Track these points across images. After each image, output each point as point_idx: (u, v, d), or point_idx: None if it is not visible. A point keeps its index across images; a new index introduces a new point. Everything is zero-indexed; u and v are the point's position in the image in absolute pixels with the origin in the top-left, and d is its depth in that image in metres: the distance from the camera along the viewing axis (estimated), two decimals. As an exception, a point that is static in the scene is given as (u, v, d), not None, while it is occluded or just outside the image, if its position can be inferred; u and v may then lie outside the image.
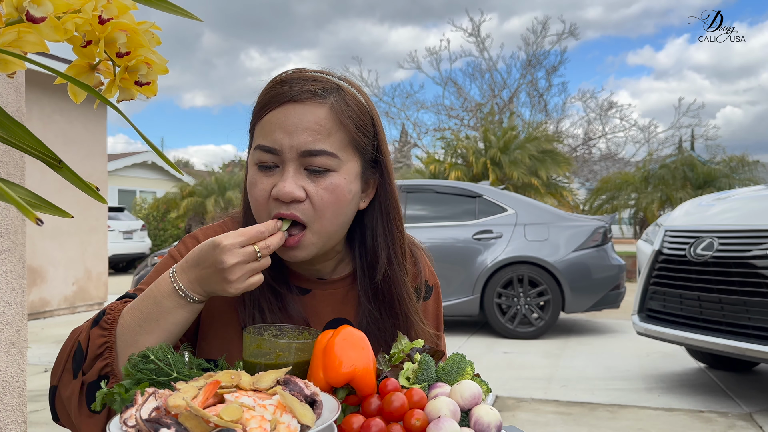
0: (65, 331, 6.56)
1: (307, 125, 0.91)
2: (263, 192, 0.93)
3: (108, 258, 9.40)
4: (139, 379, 0.83)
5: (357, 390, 0.83)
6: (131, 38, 0.58)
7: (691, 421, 3.41)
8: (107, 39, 0.57)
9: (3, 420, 1.98)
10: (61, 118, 7.58)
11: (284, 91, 0.92)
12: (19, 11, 0.52)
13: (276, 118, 0.92)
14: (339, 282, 1.06)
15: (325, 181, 0.92)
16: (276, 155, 0.92)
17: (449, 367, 0.90)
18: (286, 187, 0.90)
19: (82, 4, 0.56)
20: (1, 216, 1.97)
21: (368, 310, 1.03)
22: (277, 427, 0.69)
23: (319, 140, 0.91)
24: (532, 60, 21.78)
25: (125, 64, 0.59)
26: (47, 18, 0.52)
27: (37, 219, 0.49)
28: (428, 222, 6.38)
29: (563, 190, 14.98)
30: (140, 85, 0.61)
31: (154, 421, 0.66)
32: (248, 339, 0.88)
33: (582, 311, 6.11)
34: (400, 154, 22.61)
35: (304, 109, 0.92)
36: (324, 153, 0.91)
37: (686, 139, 22.59)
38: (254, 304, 0.98)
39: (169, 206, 17.11)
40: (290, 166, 0.91)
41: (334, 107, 0.93)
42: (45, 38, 0.54)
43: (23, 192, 0.57)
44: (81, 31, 0.57)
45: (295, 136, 0.91)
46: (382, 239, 1.02)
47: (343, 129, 0.93)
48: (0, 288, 1.96)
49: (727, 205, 4.06)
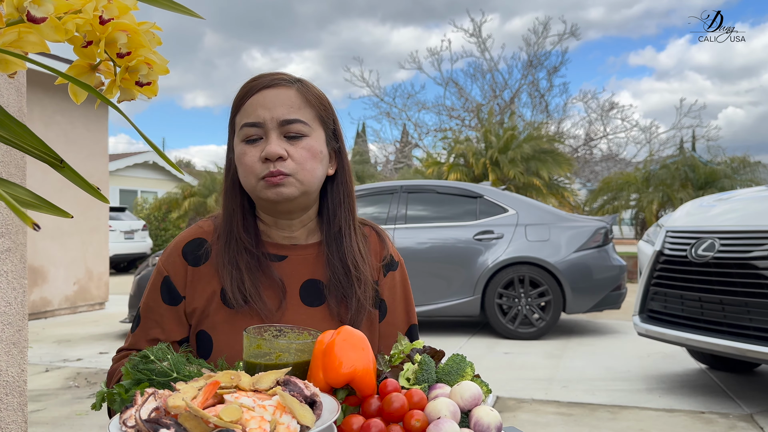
0: (66, 331, 6.56)
1: (283, 101, 1.12)
2: (253, 158, 1.11)
3: (109, 258, 9.40)
4: (139, 379, 0.84)
5: (357, 390, 0.83)
6: (132, 38, 0.57)
7: (691, 422, 3.41)
8: (108, 39, 0.57)
9: (4, 420, 1.98)
10: (62, 118, 7.58)
11: (258, 82, 1.14)
12: (20, 11, 0.52)
13: (256, 100, 1.13)
14: (310, 247, 1.22)
15: (301, 143, 1.12)
16: (260, 128, 1.11)
17: (449, 368, 0.90)
18: (273, 148, 1.09)
19: (82, 5, 0.56)
20: (2, 216, 1.97)
21: (335, 269, 1.18)
22: (276, 427, 0.69)
23: (292, 111, 1.12)
24: (533, 60, 21.77)
25: (126, 65, 0.59)
26: (48, 18, 0.52)
27: (34, 224, 0.49)
28: (429, 222, 6.38)
29: (564, 190, 14.97)
30: (141, 86, 0.61)
31: (153, 422, 0.66)
32: (248, 340, 0.88)
33: (583, 312, 6.10)
34: (401, 154, 22.61)
35: (277, 91, 1.13)
36: (298, 121, 1.12)
37: (687, 140, 22.58)
38: (233, 264, 1.14)
39: (170, 206, 17.11)
40: (272, 134, 1.11)
41: (300, 89, 1.15)
42: (46, 38, 0.54)
43: (23, 192, 0.57)
44: (82, 32, 0.57)
45: (274, 110, 1.11)
46: (341, 210, 1.21)
47: (309, 105, 1.14)
48: (1, 288, 1.96)
49: (728, 206, 4.06)
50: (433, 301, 6.05)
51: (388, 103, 22.88)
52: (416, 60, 23.26)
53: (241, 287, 1.12)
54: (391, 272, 1.27)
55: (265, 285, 1.15)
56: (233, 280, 1.13)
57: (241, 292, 1.12)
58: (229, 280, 1.13)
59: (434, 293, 6.07)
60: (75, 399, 3.95)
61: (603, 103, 22.12)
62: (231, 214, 1.18)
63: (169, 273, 1.17)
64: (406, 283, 1.30)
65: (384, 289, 1.24)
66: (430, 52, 23.66)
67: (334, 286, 1.17)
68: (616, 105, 22.03)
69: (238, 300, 1.11)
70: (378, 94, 22.93)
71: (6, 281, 1.98)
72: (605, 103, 22.13)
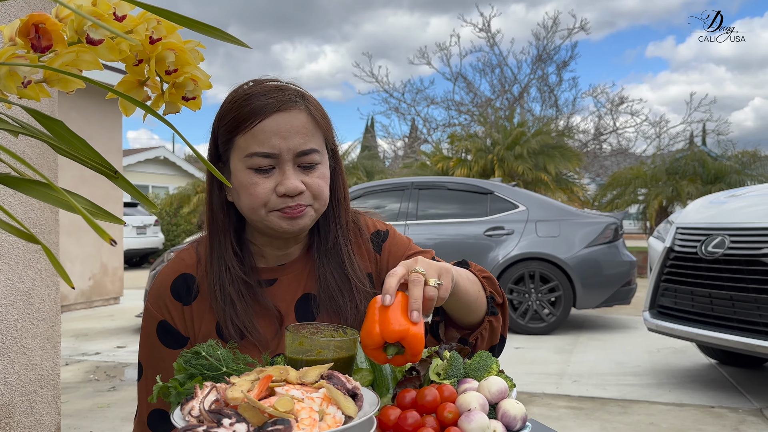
0: (83, 326, 6.68)
1: (297, 129, 1.07)
2: (266, 189, 1.07)
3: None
4: (192, 374, 0.91)
5: (407, 348, 0.88)
6: (179, 57, 0.62)
7: (701, 416, 3.46)
8: (157, 58, 0.61)
9: (39, 411, 2.07)
10: (78, 115, 7.69)
11: (265, 103, 1.06)
12: (79, 34, 0.58)
13: (269, 127, 1.06)
14: (298, 260, 1.19)
15: (315, 172, 1.10)
16: (274, 158, 1.07)
17: (476, 363, 0.97)
18: (294, 183, 1.06)
19: (134, 26, 0.62)
20: (36, 216, 2.05)
21: (325, 279, 1.16)
22: (324, 417, 0.76)
23: (307, 141, 1.08)
24: (542, 55, 21.72)
25: (173, 81, 0.63)
26: (104, 40, 0.57)
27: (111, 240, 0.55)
28: (440, 218, 6.44)
29: (573, 185, 14.97)
30: (186, 100, 0.67)
31: (215, 412, 0.73)
32: (290, 337, 0.95)
33: (593, 307, 6.15)
34: (410, 149, 22.64)
35: (290, 116, 1.07)
36: (313, 151, 1.09)
37: (698, 134, 22.46)
38: (226, 299, 1.11)
39: (181, 202, 17.25)
40: (288, 166, 1.07)
41: (310, 111, 1.10)
42: (102, 58, 0.60)
43: (84, 202, 0.64)
44: (134, 51, 0.63)
45: (290, 140, 1.06)
46: (335, 225, 1.19)
47: (318, 128, 1.11)
48: (36, 285, 2.05)
49: (739, 202, 4.09)
50: (444, 296, 6.11)
51: (397, 98, 22.89)
52: (425, 55, 23.22)
53: (236, 322, 1.09)
54: (384, 244, 1.24)
55: (259, 315, 1.12)
56: (227, 316, 1.09)
57: (237, 326, 1.09)
58: (223, 317, 1.10)
59: (445, 288, 6.12)
60: (96, 392, 4.05)
61: (613, 98, 22.04)
62: (221, 240, 1.13)
63: (164, 317, 1.13)
64: (402, 247, 1.24)
65: (383, 266, 1.21)
66: (438, 47, 23.63)
67: (328, 298, 1.15)
68: (626, 99, 21.94)
69: (233, 336, 1.09)
70: (387, 90, 22.95)
71: (40, 279, 2.06)
72: (615, 97, 22.06)
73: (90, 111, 7.88)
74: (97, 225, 0.54)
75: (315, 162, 1.09)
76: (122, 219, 0.70)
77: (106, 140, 8.19)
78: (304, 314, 1.15)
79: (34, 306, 2.03)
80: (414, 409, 0.87)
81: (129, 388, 4.14)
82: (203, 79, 0.68)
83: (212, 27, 0.65)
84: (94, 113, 7.95)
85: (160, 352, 1.12)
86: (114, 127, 8.38)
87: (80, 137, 0.62)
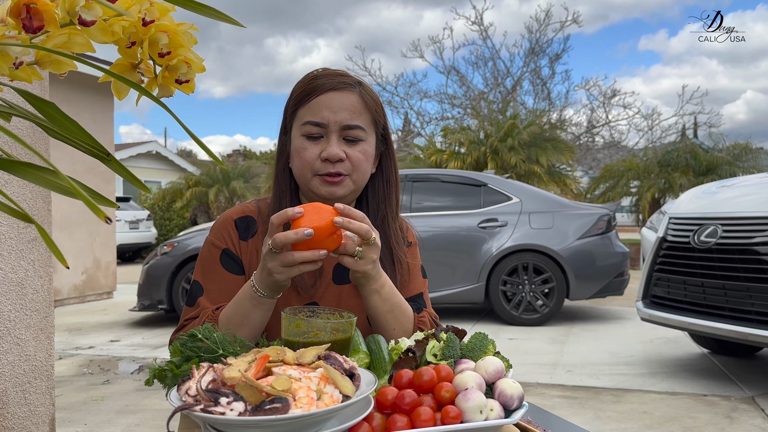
0: (76, 320, 6.65)
1: (346, 106, 1.21)
2: (312, 154, 1.21)
3: (115, 248, 9.45)
4: (188, 356, 0.90)
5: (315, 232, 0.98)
6: (172, 39, 0.61)
7: (694, 404, 3.49)
8: (150, 40, 0.61)
9: (33, 402, 2.06)
10: (68, 108, 7.63)
11: (324, 83, 1.22)
12: (72, 15, 0.58)
13: (322, 101, 1.21)
14: None
15: (358, 147, 1.22)
16: (323, 128, 1.21)
17: (473, 344, 0.97)
18: (335, 150, 1.20)
19: (127, 8, 0.60)
20: (28, 206, 2.03)
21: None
22: (321, 396, 0.76)
23: (354, 117, 1.22)
24: (535, 48, 21.72)
25: (166, 64, 0.63)
26: (96, 21, 0.57)
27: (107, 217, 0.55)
28: (433, 211, 6.44)
29: (566, 178, 14.99)
30: (180, 83, 0.65)
31: (213, 392, 0.73)
32: (287, 320, 0.95)
33: (586, 298, 6.18)
34: (404, 143, 22.61)
35: (342, 95, 1.22)
36: (358, 127, 1.22)
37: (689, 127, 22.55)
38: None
39: (174, 196, 17.18)
40: (333, 136, 1.21)
41: (362, 94, 1.24)
42: (94, 40, 0.59)
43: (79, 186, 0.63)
44: (126, 33, 0.62)
45: (338, 114, 1.21)
46: (384, 204, 1.32)
47: (368, 110, 1.24)
48: (29, 276, 2.04)
49: (731, 192, 4.11)
50: (438, 288, 6.13)
51: (391, 92, 22.84)
52: (418, 48, 23.17)
53: None
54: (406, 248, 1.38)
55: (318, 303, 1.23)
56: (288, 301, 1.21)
57: None
58: (283, 298, 1.20)
59: (439, 281, 6.15)
60: (90, 385, 4.04)
61: (605, 91, 22.09)
62: (281, 195, 1.28)
63: (227, 245, 1.25)
64: (417, 261, 1.39)
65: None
66: (431, 40, 23.59)
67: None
68: (618, 92, 21.98)
69: None
70: (380, 83, 22.90)
71: (33, 269, 2.05)
72: (607, 90, 22.09)
73: (81, 105, 7.83)
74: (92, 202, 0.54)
75: (359, 138, 1.22)
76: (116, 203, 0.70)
77: (97, 135, 8.14)
78: (340, 276, 1.26)
79: (27, 297, 2.02)
80: (411, 389, 0.87)
81: (123, 381, 4.13)
82: (197, 62, 0.67)
83: (205, 5, 0.64)
84: (85, 108, 7.91)
85: (224, 277, 1.23)
86: (106, 121, 8.33)
87: (73, 119, 0.61)
